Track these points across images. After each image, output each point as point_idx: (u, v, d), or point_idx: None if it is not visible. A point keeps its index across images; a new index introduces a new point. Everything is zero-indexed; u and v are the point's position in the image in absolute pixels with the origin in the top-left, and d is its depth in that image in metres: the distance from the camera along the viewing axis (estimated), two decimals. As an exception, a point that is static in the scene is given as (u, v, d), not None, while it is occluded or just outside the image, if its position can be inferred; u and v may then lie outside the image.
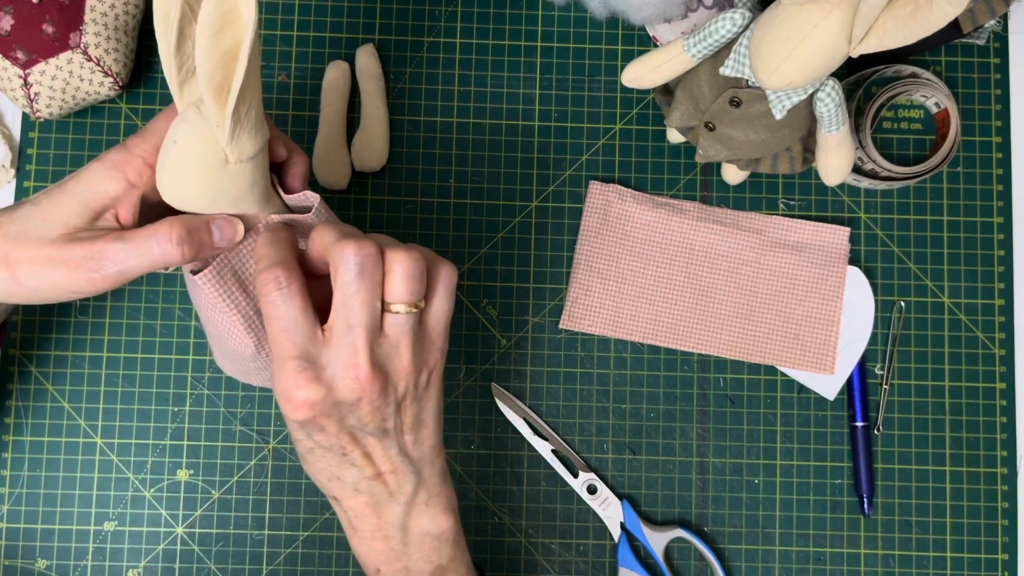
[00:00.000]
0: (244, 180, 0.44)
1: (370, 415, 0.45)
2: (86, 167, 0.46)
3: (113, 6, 0.59)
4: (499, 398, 0.64)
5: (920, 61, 0.66)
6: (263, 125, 0.44)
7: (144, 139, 0.46)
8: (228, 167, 0.43)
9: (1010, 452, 0.64)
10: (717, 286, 0.64)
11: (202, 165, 0.43)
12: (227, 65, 0.40)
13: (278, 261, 0.44)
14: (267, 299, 0.43)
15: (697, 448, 0.64)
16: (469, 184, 0.65)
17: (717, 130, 0.57)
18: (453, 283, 0.46)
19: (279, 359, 0.43)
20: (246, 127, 0.42)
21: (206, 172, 0.43)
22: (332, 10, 0.66)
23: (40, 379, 0.63)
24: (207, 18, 0.39)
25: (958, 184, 0.66)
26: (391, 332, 0.44)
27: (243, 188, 0.44)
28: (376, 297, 0.43)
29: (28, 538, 0.62)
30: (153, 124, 0.46)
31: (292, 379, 0.43)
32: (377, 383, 0.44)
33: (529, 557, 0.63)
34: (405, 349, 0.44)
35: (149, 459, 0.63)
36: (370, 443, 0.46)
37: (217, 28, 0.39)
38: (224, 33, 0.40)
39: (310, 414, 0.44)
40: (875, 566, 0.63)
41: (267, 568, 0.62)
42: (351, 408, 0.44)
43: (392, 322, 0.44)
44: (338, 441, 0.45)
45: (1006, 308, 0.65)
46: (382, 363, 0.44)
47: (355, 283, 0.42)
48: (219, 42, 0.40)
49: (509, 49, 0.66)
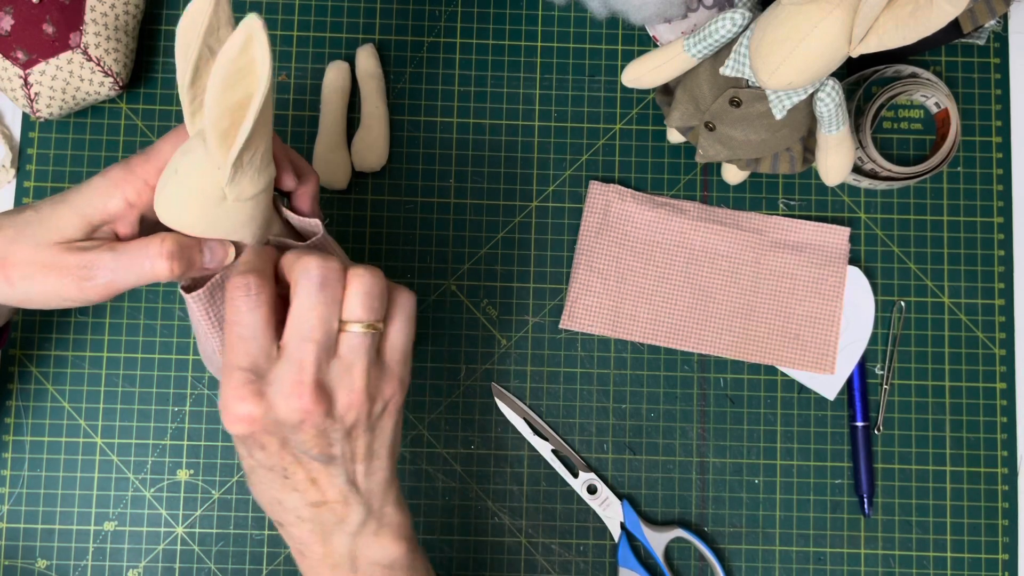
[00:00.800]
0: (241, 216, 0.44)
1: (313, 439, 0.42)
2: (89, 181, 0.46)
3: (113, 6, 0.59)
4: (499, 398, 0.64)
5: (920, 61, 0.66)
6: (269, 166, 0.44)
7: (148, 160, 0.46)
8: (226, 203, 0.43)
9: (1010, 452, 0.64)
10: (717, 286, 0.64)
11: (200, 199, 0.43)
12: (235, 113, 0.40)
13: (254, 268, 0.42)
14: (232, 303, 0.42)
15: (697, 448, 0.64)
16: (469, 184, 0.65)
17: (717, 130, 0.57)
18: (413, 309, 0.44)
19: (228, 367, 0.42)
20: (248, 172, 0.42)
21: (204, 206, 0.43)
22: (332, 10, 0.66)
23: (40, 379, 0.63)
24: (221, 70, 0.39)
25: (958, 184, 0.66)
26: (345, 353, 0.42)
27: (239, 223, 0.44)
28: (334, 316, 0.41)
29: (28, 538, 0.62)
30: (159, 145, 0.46)
31: (235, 391, 0.41)
32: (321, 406, 0.41)
33: (529, 557, 0.63)
34: (359, 373, 0.42)
35: (149, 459, 0.63)
36: (315, 468, 0.44)
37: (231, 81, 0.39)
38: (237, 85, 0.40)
39: (248, 429, 0.42)
40: (875, 566, 0.63)
41: (267, 568, 0.62)
42: (293, 429, 0.42)
43: (347, 342, 0.42)
44: (280, 462, 0.44)
45: (1006, 308, 0.65)
46: (330, 385, 0.42)
47: (313, 295, 0.41)
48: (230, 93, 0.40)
49: (509, 49, 0.66)
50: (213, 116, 0.40)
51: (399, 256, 0.64)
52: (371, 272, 0.42)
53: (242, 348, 0.42)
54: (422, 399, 0.64)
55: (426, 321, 0.64)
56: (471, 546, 0.63)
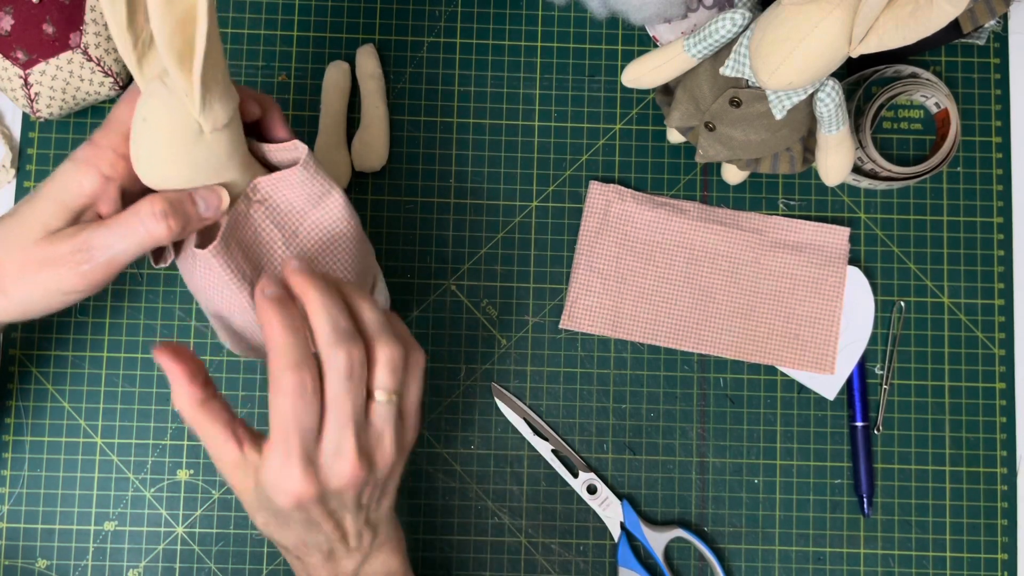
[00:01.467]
0: (222, 148, 0.43)
1: (352, 499, 0.45)
2: (58, 169, 0.45)
3: (113, 6, 0.59)
4: (499, 398, 0.64)
5: (920, 61, 0.66)
6: (231, 89, 0.43)
7: (110, 129, 0.44)
8: (204, 137, 0.41)
9: (1010, 452, 0.64)
10: (717, 286, 0.64)
11: (177, 139, 0.41)
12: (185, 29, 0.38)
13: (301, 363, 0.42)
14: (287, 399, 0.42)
15: (697, 448, 0.64)
16: (469, 184, 0.65)
17: (717, 130, 0.57)
18: (423, 368, 0.47)
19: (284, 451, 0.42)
20: (216, 92, 0.41)
21: (182, 145, 0.41)
22: (332, 10, 0.66)
23: (40, 379, 0.63)
24: None
25: (958, 184, 0.66)
26: (376, 422, 0.44)
27: (222, 157, 0.43)
28: (362, 395, 0.44)
29: (28, 538, 0.62)
30: (115, 113, 0.45)
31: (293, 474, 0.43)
32: (363, 473, 0.44)
33: (529, 557, 0.63)
34: (388, 439, 0.45)
35: (149, 459, 0.63)
36: (344, 518, 0.47)
37: None
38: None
39: (297, 504, 0.44)
40: (875, 566, 0.63)
41: (267, 568, 0.62)
42: (336, 495, 0.45)
43: (377, 412, 0.44)
44: (316, 518, 0.46)
45: (1006, 308, 0.65)
46: (369, 453, 0.44)
47: (345, 384, 0.43)
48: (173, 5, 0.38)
49: (509, 49, 0.66)
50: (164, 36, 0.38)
51: (399, 256, 0.64)
52: (394, 348, 0.44)
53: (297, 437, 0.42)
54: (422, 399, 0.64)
55: (426, 321, 0.64)
56: (471, 546, 0.63)
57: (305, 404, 0.42)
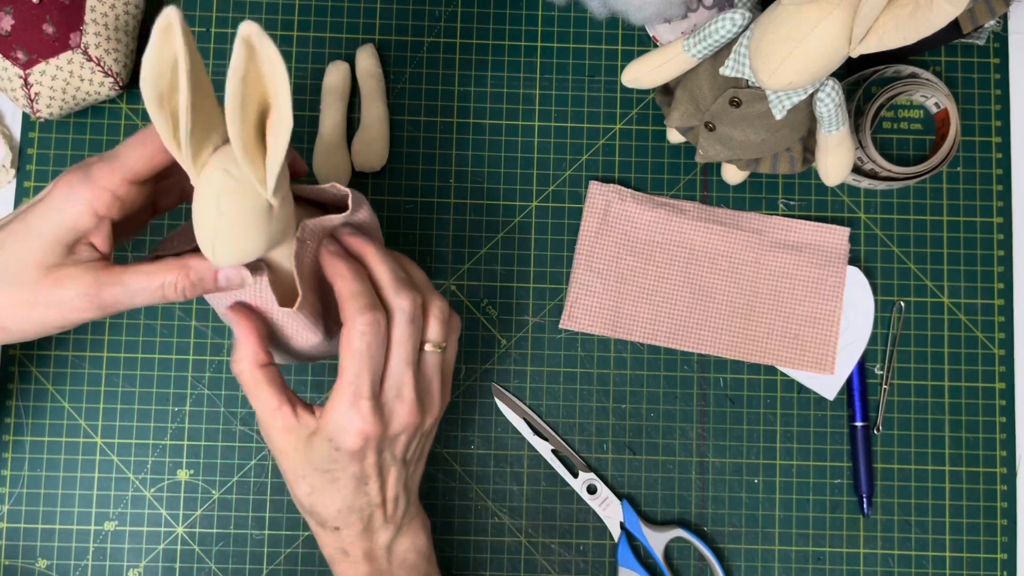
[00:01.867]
0: (287, 213, 0.44)
1: (403, 446, 0.49)
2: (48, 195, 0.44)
3: (113, 6, 0.59)
4: (499, 398, 0.64)
5: (920, 61, 0.66)
6: None
7: (112, 170, 0.44)
8: (273, 211, 0.43)
9: (1010, 452, 0.64)
10: (717, 286, 0.64)
11: (253, 222, 0.42)
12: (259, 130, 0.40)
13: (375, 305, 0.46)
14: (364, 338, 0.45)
15: (697, 448, 0.64)
16: (469, 184, 0.65)
17: (717, 130, 0.57)
18: (460, 331, 0.52)
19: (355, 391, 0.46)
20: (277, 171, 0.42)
21: (260, 226, 0.43)
22: (332, 10, 0.66)
23: (40, 379, 0.63)
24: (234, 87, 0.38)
25: (958, 184, 0.66)
26: (427, 371, 0.49)
27: (288, 220, 0.45)
28: (418, 342, 0.48)
29: (28, 538, 0.62)
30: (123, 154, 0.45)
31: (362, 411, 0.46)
32: (417, 419, 0.48)
33: (529, 557, 0.63)
34: (436, 388, 0.49)
35: (149, 459, 0.63)
36: (390, 473, 0.49)
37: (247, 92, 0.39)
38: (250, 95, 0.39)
39: (363, 444, 0.47)
40: (875, 566, 0.63)
41: (267, 568, 0.62)
42: (391, 440, 0.48)
43: (428, 361, 0.49)
44: (368, 471, 0.48)
45: (1006, 308, 0.65)
46: (422, 399, 0.48)
47: (409, 328, 0.47)
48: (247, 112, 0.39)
49: (509, 49, 0.66)
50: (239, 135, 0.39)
51: (399, 256, 0.64)
52: (443, 303, 0.50)
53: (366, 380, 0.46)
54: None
55: (426, 321, 0.64)
56: (471, 546, 0.63)
57: (379, 343, 0.46)
